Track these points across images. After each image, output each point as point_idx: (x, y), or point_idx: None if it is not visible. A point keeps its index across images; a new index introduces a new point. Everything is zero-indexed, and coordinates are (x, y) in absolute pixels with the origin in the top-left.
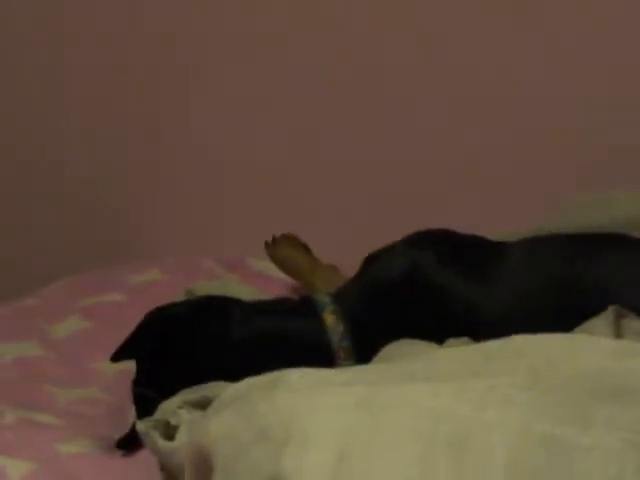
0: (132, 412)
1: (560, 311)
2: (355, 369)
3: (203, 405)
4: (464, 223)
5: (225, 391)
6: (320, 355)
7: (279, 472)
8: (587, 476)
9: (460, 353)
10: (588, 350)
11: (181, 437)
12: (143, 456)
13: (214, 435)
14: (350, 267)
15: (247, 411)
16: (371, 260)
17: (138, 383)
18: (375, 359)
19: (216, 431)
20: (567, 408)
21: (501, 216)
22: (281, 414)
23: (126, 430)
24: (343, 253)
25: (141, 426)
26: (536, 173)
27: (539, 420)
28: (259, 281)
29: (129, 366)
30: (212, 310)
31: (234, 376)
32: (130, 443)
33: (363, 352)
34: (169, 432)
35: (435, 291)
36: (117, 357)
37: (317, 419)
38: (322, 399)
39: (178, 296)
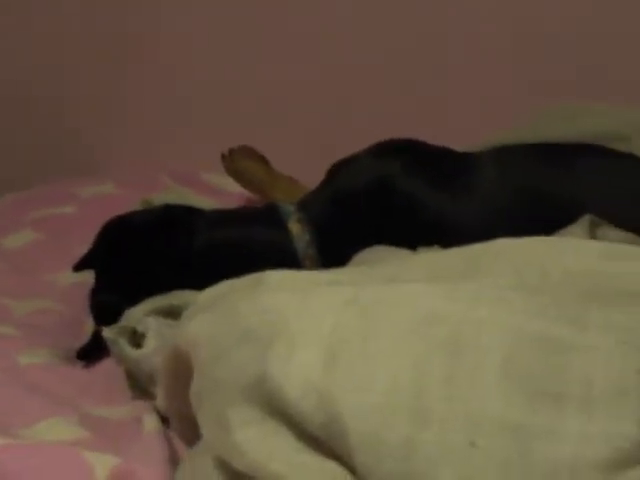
0: (89, 323)
1: (531, 221)
2: (336, 271)
3: (170, 313)
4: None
5: (201, 295)
6: (285, 264)
7: (265, 373)
8: (586, 377)
9: (441, 257)
10: (575, 252)
11: (149, 344)
12: (103, 367)
13: (193, 338)
14: (309, 179)
15: (228, 312)
16: (336, 170)
17: (97, 292)
18: (349, 265)
19: (195, 334)
20: (560, 309)
21: (467, 126)
22: (265, 314)
23: (84, 341)
24: (301, 165)
25: (108, 333)
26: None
27: (533, 320)
28: (214, 194)
29: (83, 277)
30: (174, 218)
31: (198, 286)
32: (90, 353)
33: (329, 261)
34: (135, 340)
35: (402, 200)
36: (79, 267)
37: (304, 318)
38: (308, 298)
39: (133, 207)
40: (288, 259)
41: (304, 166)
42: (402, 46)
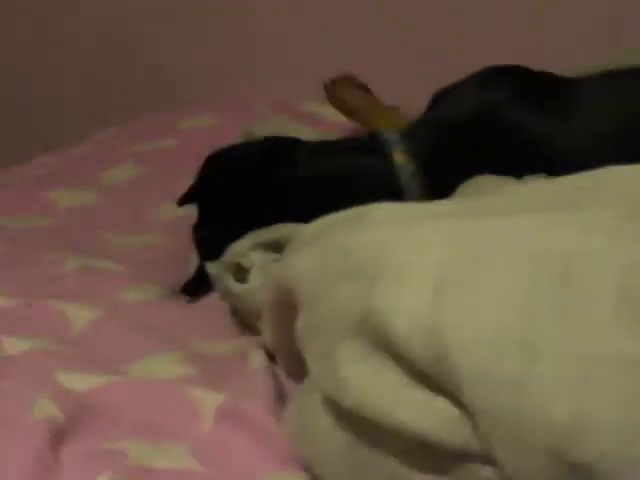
0: (192, 258)
1: (636, 150)
2: (442, 203)
3: (274, 247)
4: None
5: (305, 228)
6: (390, 194)
7: (371, 308)
8: None
9: (550, 186)
10: None
11: (255, 279)
12: (208, 302)
13: (298, 272)
14: (412, 108)
15: (333, 247)
16: (441, 97)
17: (201, 227)
18: (454, 196)
19: (301, 268)
20: None
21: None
22: (370, 248)
23: (188, 276)
24: (404, 93)
25: (213, 268)
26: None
27: None
28: (315, 124)
29: (185, 212)
30: (277, 150)
31: (301, 218)
32: (195, 288)
33: (433, 193)
34: (240, 275)
35: (509, 129)
36: (183, 201)
37: (410, 252)
38: (413, 232)
39: (234, 139)
40: (392, 189)
41: (407, 94)
42: None
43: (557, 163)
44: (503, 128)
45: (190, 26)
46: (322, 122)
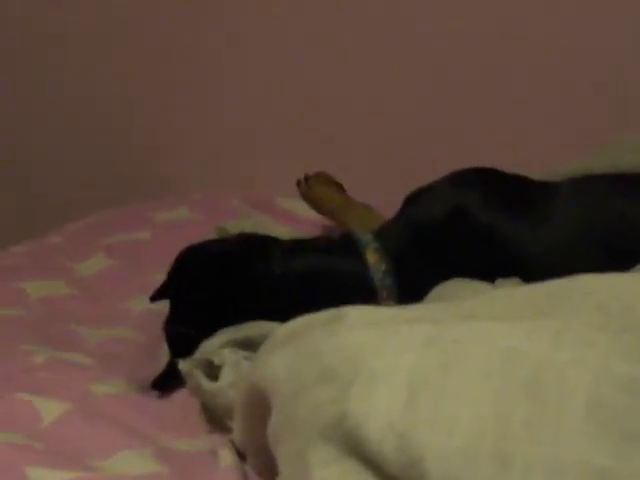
0: (163, 352)
1: (609, 252)
2: (415, 307)
3: (246, 345)
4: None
5: (279, 329)
6: (362, 294)
7: (344, 412)
8: None
9: (521, 293)
10: None
11: (226, 377)
12: (179, 397)
13: (271, 374)
14: (385, 207)
15: (308, 349)
16: (413, 199)
17: (172, 322)
18: (426, 299)
19: (274, 369)
20: None
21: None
22: (345, 352)
23: (158, 371)
24: (378, 193)
25: (184, 365)
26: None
27: (618, 361)
28: (288, 220)
29: (157, 305)
30: (251, 247)
31: (275, 316)
32: (165, 384)
33: (406, 292)
34: (212, 372)
35: (480, 231)
36: (155, 297)
37: (384, 356)
38: (387, 335)
39: (207, 234)
40: (365, 289)
41: (381, 194)
42: (476, 78)
43: (528, 267)
44: (474, 230)
45: (162, 118)
46: (295, 218)
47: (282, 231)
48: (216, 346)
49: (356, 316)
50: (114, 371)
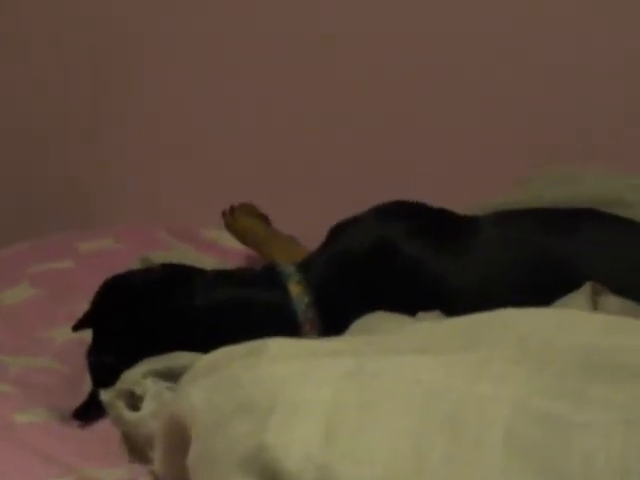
0: (86, 381)
1: (531, 286)
2: (336, 340)
3: (168, 375)
4: (427, 196)
5: (200, 360)
6: (285, 326)
7: (263, 444)
8: (588, 455)
9: (442, 326)
10: (579, 325)
11: (147, 407)
12: (100, 427)
13: (192, 404)
14: (309, 239)
15: (227, 381)
16: (338, 231)
17: (95, 352)
18: (348, 332)
19: (194, 400)
20: (561, 384)
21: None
22: (265, 384)
23: (81, 400)
24: (302, 225)
25: (105, 395)
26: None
27: (535, 396)
28: (213, 251)
29: (81, 335)
30: (174, 278)
31: (196, 347)
32: (87, 413)
33: (329, 325)
34: (133, 402)
35: (404, 264)
36: (78, 327)
37: (303, 389)
38: (307, 368)
39: (132, 264)
40: (287, 321)
41: (305, 226)
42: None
43: (450, 300)
44: (397, 263)
45: (99, 146)
46: (220, 249)
47: (207, 262)
48: (138, 376)
49: (276, 348)
50: (36, 400)
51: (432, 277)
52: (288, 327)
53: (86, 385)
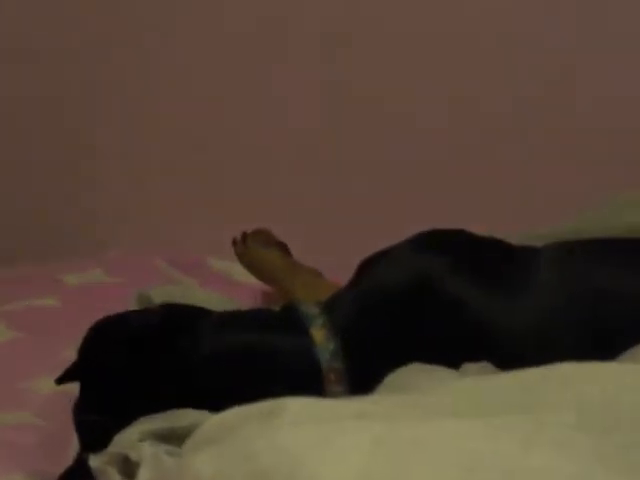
0: (73, 443)
1: (593, 333)
2: (365, 400)
3: (168, 438)
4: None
5: (207, 421)
6: (306, 378)
7: None
8: None
9: (490, 384)
10: None
11: (144, 475)
12: None
13: (197, 475)
14: (336, 273)
15: (240, 448)
16: (368, 266)
17: (83, 409)
18: (381, 388)
19: (200, 472)
20: (629, 454)
21: (508, 217)
22: (283, 453)
23: (66, 465)
24: (328, 256)
25: (95, 461)
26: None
27: (598, 469)
28: (221, 286)
29: (67, 386)
30: (176, 321)
31: (202, 404)
32: None
33: (357, 376)
34: (127, 469)
35: (447, 305)
36: (63, 380)
37: (327, 461)
38: (332, 435)
39: (127, 302)
40: (309, 372)
41: (331, 257)
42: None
43: (501, 348)
44: (439, 304)
45: (91, 167)
46: (230, 283)
47: (216, 300)
48: (133, 438)
49: (297, 410)
50: (15, 465)
51: (479, 320)
52: (310, 379)
53: (72, 447)
